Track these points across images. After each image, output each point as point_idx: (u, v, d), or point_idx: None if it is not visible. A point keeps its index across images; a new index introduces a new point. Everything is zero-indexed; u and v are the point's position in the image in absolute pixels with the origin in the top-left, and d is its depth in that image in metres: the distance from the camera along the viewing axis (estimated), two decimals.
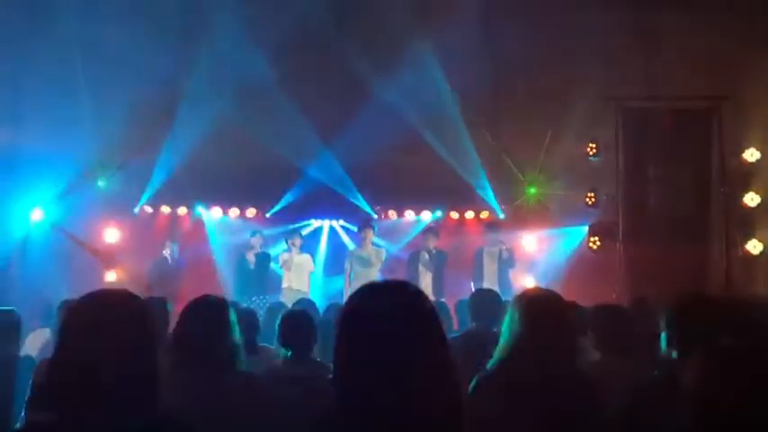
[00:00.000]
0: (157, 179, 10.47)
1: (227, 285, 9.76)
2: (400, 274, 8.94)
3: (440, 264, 9.24)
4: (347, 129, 9.78)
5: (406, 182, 10.37)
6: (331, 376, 1.55)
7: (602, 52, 9.99)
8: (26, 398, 3.46)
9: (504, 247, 9.31)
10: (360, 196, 10.54)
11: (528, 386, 2.46)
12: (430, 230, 9.66)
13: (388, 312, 1.48)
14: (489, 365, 2.67)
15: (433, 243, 9.33)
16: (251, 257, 9.43)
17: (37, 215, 10.04)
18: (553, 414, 2.40)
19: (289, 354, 3.72)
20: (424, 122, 10.04)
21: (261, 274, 9.44)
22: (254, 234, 9.64)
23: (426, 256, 9.28)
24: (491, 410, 2.38)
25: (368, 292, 1.55)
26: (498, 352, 2.67)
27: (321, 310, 5.80)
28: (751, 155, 9.98)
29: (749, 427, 1.29)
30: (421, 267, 9.24)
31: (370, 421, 1.42)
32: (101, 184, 10.34)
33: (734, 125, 10.07)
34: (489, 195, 10.52)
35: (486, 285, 8.43)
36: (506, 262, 9.29)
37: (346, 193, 10.44)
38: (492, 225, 9.95)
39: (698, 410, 1.36)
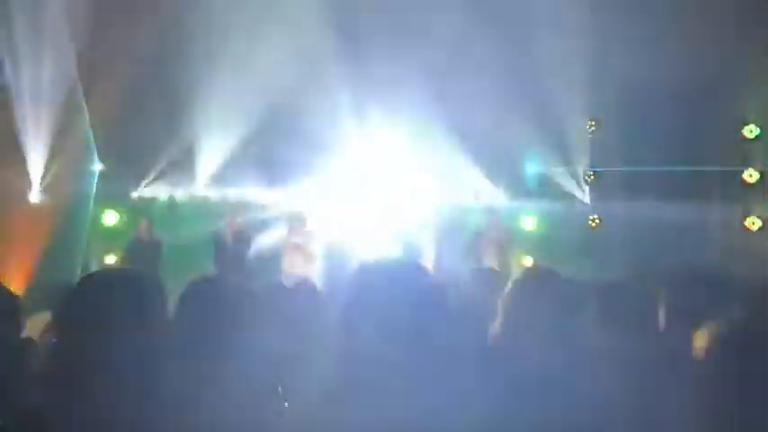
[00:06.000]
0: (151, 159, 10.47)
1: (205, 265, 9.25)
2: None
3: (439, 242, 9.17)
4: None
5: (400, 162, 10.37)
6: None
7: (603, 28, 9.92)
8: (27, 380, 3.47)
9: (502, 225, 9.24)
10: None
11: (526, 363, 2.47)
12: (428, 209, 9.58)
13: (391, 287, 1.48)
14: (487, 342, 2.68)
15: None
16: (228, 235, 9.15)
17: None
18: (552, 391, 2.41)
19: (288, 333, 3.72)
20: (417, 96, 10.01)
21: (240, 254, 9.16)
22: (232, 211, 9.42)
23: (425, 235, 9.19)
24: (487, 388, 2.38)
25: (371, 268, 1.54)
26: (496, 329, 2.67)
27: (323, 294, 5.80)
28: (750, 131, 9.96)
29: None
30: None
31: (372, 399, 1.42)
32: (96, 167, 10.24)
33: (733, 101, 10.04)
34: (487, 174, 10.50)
35: (485, 265, 8.41)
36: (504, 241, 9.22)
37: (347, 174, 10.32)
38: (491, 204, 9.91)
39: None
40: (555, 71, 9.68)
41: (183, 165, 10.45)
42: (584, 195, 10.30)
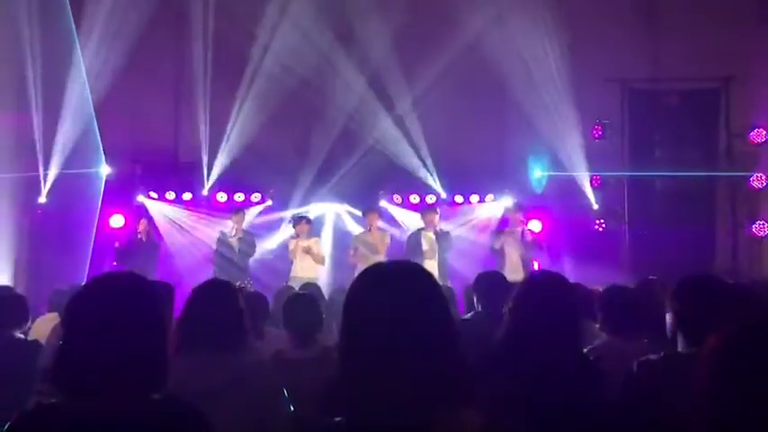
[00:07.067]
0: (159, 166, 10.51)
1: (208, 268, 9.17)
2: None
3: (445, 244, 8.96)
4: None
5: (406, 165, 10.39)
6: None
7: (608, 33, 9.91)
8: (34, 382, 3.49)
9: (525, 229, 8.97)
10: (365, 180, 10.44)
11: (530, 367, 2.47)
12: (431, 209, 9.36)
13: (394, 293, 1.47)
14: (494, 348, 2.68)
15: (437, 222, 9.02)
16: (232, 239, 9.03)
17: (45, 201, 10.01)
18: (555, 394, 2.41)
19: (294, 337, 3.72)
20: (421, 105, 10.01)
21: (244, 257, 9.04)
22: (237, 212, 9.27)
23: (432, 235, 8.89)
24: (493, 392, 2.38)
25: (374, 273, 1.54)
26: (502, 334, 2.67)
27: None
28: (758, 135, 9.93)
29: (757, 410, 1.28)
30: (425, 248, 8.83)
31: (376, 403, 1.42)
32: (103, 171, 10.20)
33: (740, 105, 10.02)
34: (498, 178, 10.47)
35: (507, 268, 8.32)
36: (528, 245, 8.92)
37: (352, 176, 10.28)
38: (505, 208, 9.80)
39: (705, 390, 1.36)
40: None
41: (189, 167, 10.48)
42: (591, 199, 10.26)
